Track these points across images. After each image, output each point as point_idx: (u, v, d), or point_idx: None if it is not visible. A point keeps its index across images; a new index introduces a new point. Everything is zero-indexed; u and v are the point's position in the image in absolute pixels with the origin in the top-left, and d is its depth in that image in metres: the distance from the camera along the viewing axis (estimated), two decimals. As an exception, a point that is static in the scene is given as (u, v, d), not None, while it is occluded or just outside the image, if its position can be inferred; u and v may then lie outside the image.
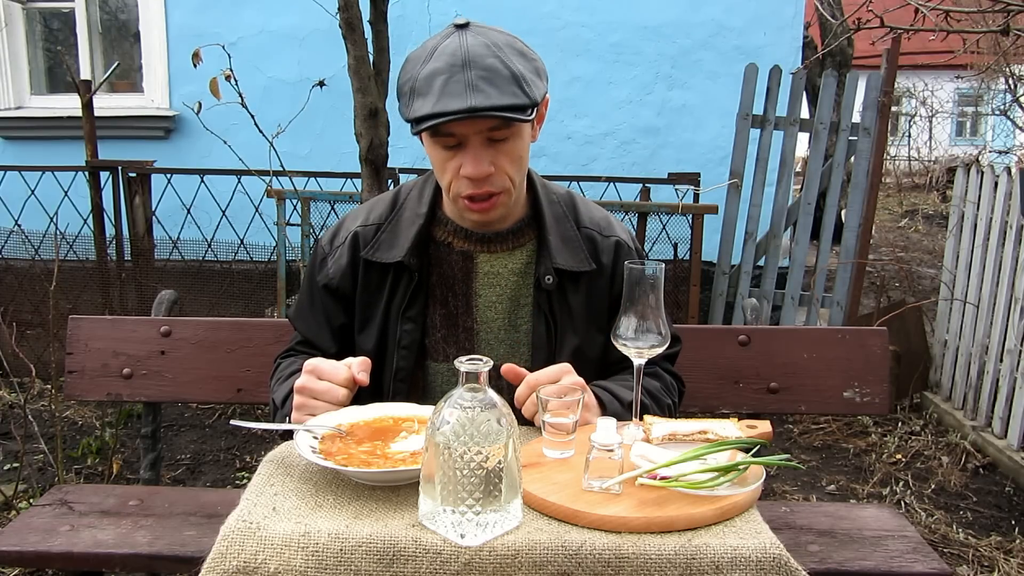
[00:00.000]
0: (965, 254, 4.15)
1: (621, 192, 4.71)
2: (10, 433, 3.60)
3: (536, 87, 1.39)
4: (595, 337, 1.57)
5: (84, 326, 2.05)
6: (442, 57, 1.35)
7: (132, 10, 5.62)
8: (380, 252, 1.53)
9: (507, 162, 1.42)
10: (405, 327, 1.53)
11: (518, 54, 1.39)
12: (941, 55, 4.00)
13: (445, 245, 1.56)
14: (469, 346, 1.56)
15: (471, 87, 1.32)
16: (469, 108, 1.31)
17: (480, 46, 1.35)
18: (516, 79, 1.35)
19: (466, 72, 1.33)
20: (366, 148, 3.13)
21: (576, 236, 1.57)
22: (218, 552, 1.04)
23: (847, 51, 7.82)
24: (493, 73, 1.34)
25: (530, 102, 1.36)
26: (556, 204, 1.59)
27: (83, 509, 1.89)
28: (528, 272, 1.56)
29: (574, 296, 1.55)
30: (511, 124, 1.38)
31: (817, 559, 1.70)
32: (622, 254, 1.59)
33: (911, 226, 10.67)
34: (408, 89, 1.38)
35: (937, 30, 2.95)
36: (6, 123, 5.56)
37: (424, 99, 1.34)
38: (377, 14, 3.13)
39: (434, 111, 1.32)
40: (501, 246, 1.56)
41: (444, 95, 1.32)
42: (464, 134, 1.37)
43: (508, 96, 1.34)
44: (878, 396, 2.00)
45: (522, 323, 1.57)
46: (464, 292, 1.55)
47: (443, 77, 1.33)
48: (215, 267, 4.61)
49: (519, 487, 1.07)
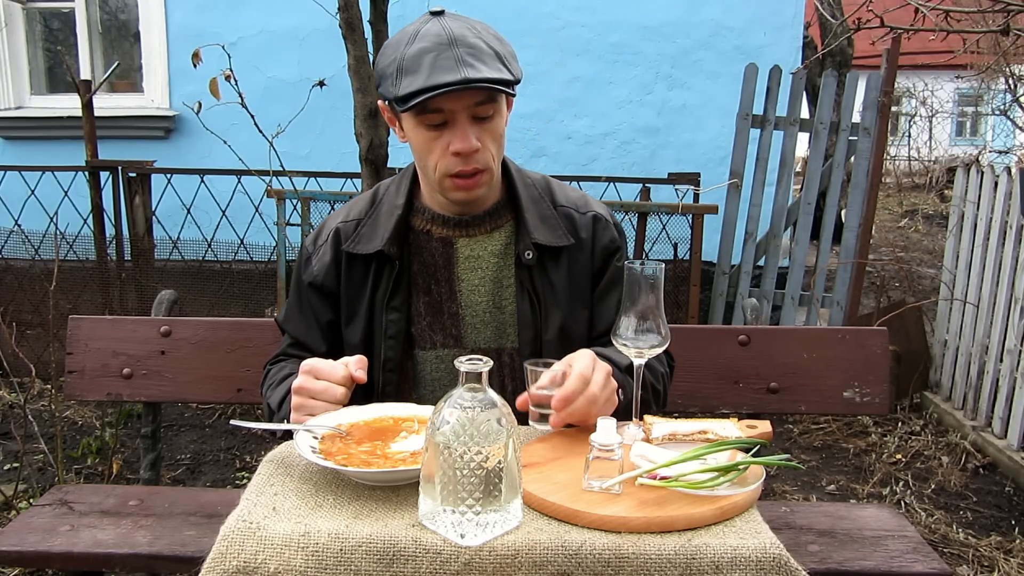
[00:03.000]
0: (965, 254, 4.15)
1: (621, 192, 4.71)
2: (10, 433, 3.60)
3: (515, 67, 1.45)
4: (579, 313, 1.59)
5: (84, 326, 2.05)
6: (427, 38, 1.40)
7: (132, 10, 5.62)
8: (361, 244, 1.56)
9: (490, 140, 1.46)
10: (390, 317, 1.55)
11: (495, 38, 1.45)
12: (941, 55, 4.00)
13: (424, 233, 1.58)
14: (456, 332, 1.57)
15: (461, 61, 1.37)
16: (463, 79, 1.35)
17: (461, 28, 1.42)
18: (499, 56, 1.42)
19: (454, 49, 1.38)
20: (366, 148, 3.13)
21: (553, 214, 1.60)
22: (218, 552, 1.04)
23: (847, 51, 7.82)
24: (478, 51, 1.39)
25: (514, 78, 1.43)
26: (532, 187, 1.63)
27: (83, 509, 1.89)
28: (508, 252, 1.58)
29: (555, 272, 1.57)
30: (496, 99, 1.44)
31: (817, 559, 1.70)
32: (600, 228, 1.61)
33: (911, 226, 10.67)
34: (395, 69, 1.41)
35: (937, 30, 2.95)
36: (6, 123, 5.56)
37: (414, 76, 1.38)
38: (377, 14, 3.13)
39: (427, 84, 1.36)
40: (479, 229, 1.58)
41: (435, 70, 1.36)
42: (452, 110, 1.41)
43: (495, 71, 1.40)
44: (878, 396, 2.00)
45: (507, 304, 1.58)
46: (447, 278, 1.57)
47: (432, 54, 1.38)
48: (215, 267, 4.61)
49: (519, 487, 1.07)
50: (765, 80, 4.47)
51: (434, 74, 1.36)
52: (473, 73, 1.36)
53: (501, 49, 1.43)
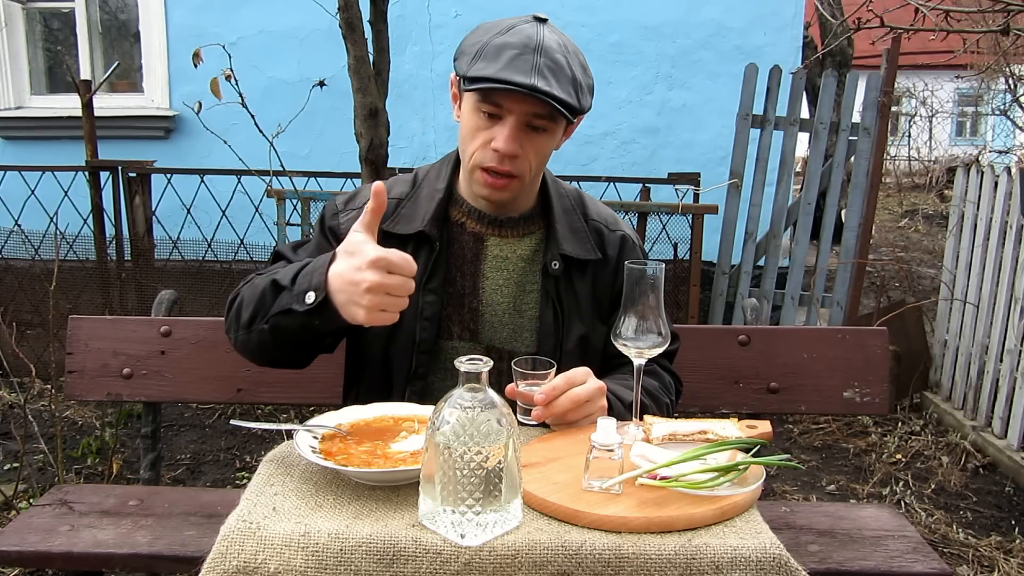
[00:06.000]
0: (965, 254, 4.15)
1: (621, 192, 4.71)
2: (10, 433, 3.60)
3: (586, 99, 1.47)
4: (599, 327, 1.61)
5: (84, 326, 2.05)
6: (518, 35, 1.42)
7: (132, 10, 5.61)
8: (400, 225, 1.56)
9: (533, 152, 1.48)
10: (427, 299, 1.54)
11: (580, 67, 1.47)
12: (941, 55, 4.00)
13: (459, 225, 1.59)
14: (473, 326, 1.58)
15: (537, 70, 1.39)
16: (531, 86, 1.37)
17: (554, 42, 1.44)
18: (575, 83, 1.43)
19: (536, 56, 1.40)
20: (366, 148, 3.13)
21: (583, 227, 1.62)
22: (218, 552, 1.04)
23: (847, 51, 7.82)
24: (559, 67, 1.41)
25: (579, 108, 1.44)
26: (565, 198, 1.65)
27: (83, 509, 1.89)
28: (535, 259, 1.60)
29: (580, 284, 1.59)
30: (555, 118, 1.45)
31: (817, 559, 1.70)
32: (627, 249, 1.64)
33: (911, 226, 10.66)
34: (475, 51, 1.43)
35: (937, 30, 2.95)
36: (6, 123, 5.56)
37: (489, 63, 1.40)
38: (377, 14, 3.13)
39: (498, 76, 1.38)
40: (512, 231, 1.59)
41: (510, 66, 1.38)
42: (510, 109, 1.43)
43: (565, 92, 1.41)
44: (878, 396, 2.00)
45: (527, 309, 1.59)
46: (472, 272, 1.58)
47: (514, 51, 1.40)
48: (215, 267, 4.61)
49: (519, 487, 1.07)
50: (765, 80, 4.47)
51: (507, 69, 1.38)
52: (543, 84, 1.38)
53: (581, 77, 1.45)
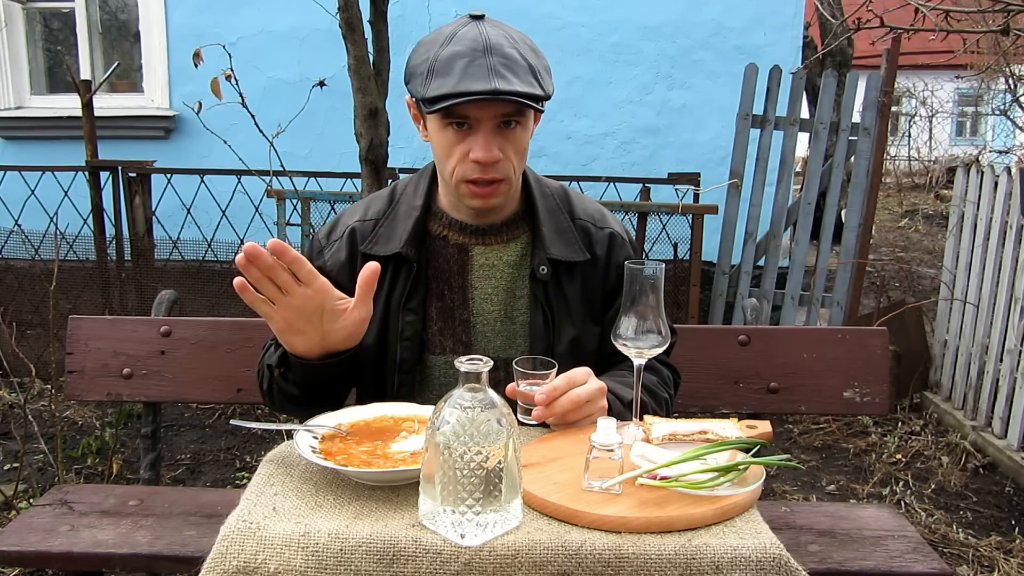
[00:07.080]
0: (965, 254, 4.15)
1: (621, 192, 4.71)
2: (10, 433, 3.60)
3: (547, 82, 1.45)
4: (591, 328, 1.59)
5: (84, 326, 2.05)
6: (463, 42, 1.39)
7: (132, 10, 5.62)
8: (378, 246, 1.55)
9: (512, 151, 1.46)
10: (407, 319, 1.54)
11: (531, 50, 1.45)
12: (941, 55, 3.99)
13: (440, 239, 1.58)
14: (466, 339, 1.57)
15: (493, 71, 1.36)
16: (492, 90, 1.35)
17: (499, 37, 1.41)
18: (532, 70, 1.42)
19: (488, 57, 1.37)
20: (366, 148, 3.13)
21: (570, 227, 1.59)
22: (218, 552, 1.04)
23: (847, 51, 7.82)
24: (512, 62, 1.39)
25: (544, 94, 1.42)
26: (550, 197, 1.62)
27: (83, 509, 1.89)
28: (523, 264, 1.58)
29: (570, 286, 1.57)
30: (524, 112, 1.43)
31: (817, 559, 1.70)
32: (616, 246, 1.61)
33: (911, 226, 10.66)
34: (426, 69, 1.41)
35: (937, 30, 2.95)
36: (6, 123, 5.56)
37: (444, 79, 1.37)
38: (377, 14, 3.13)
39: (456, 90, 1.36)
40: (496, 238, 1.58)
41: (466, 76, 1.36)
42: (478, 118, 1.41)
43: (527, 84, 1.39)
44: (878, 396, 2.00)
45: (518, 315, 1.58)
46: (460, 285, 1.57)
47: (465, 60, 1.37)
48: (215, 267, 4.60)
49: (519, 487, 1.07)
50: (765, 80, 4.47)
51: (464, 80, 1.35)
52: (504, 85, 1.35)
53: (536, 62, 1.43)
